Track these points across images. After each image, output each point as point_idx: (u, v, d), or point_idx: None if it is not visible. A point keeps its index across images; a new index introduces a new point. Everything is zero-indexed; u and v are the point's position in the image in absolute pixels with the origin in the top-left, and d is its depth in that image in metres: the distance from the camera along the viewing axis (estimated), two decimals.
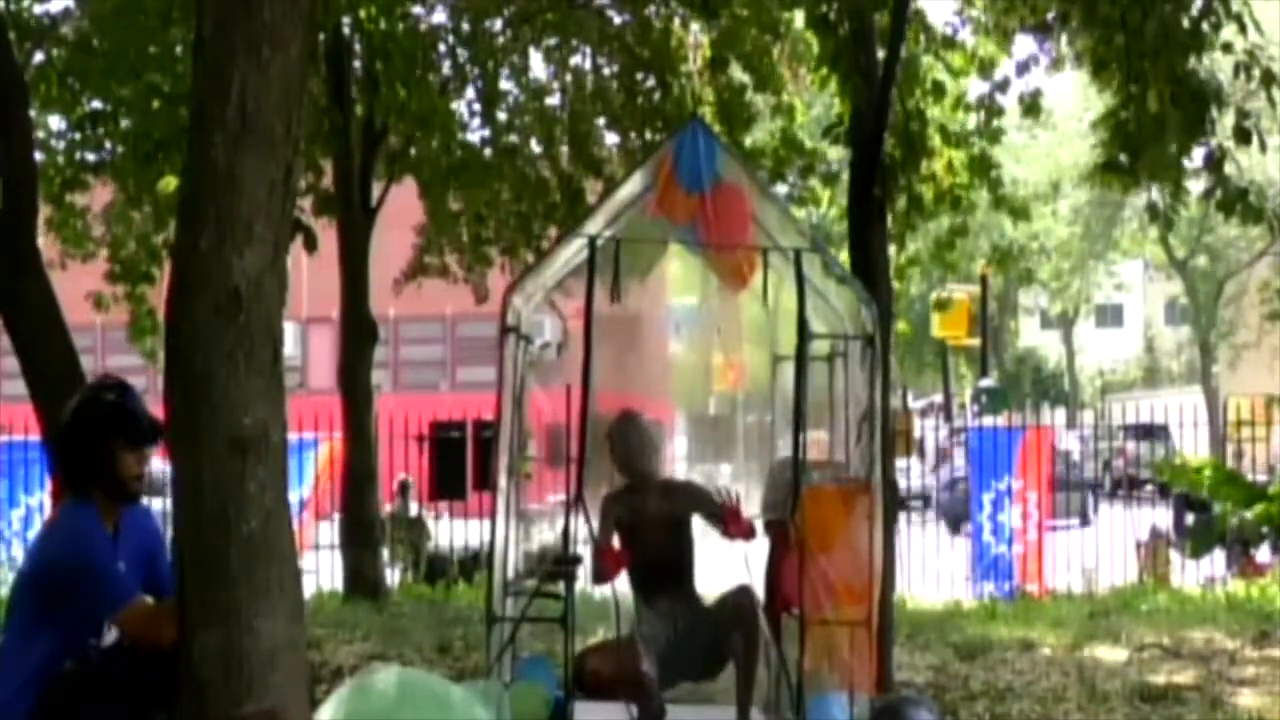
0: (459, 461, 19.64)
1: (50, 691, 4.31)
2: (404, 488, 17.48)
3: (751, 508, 6.75)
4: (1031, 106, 9.95)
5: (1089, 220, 45.55)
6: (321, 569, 14.42)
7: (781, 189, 12.45)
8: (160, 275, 12.73)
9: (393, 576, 15.59)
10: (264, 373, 3.91)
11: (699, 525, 6.71)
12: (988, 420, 21.69)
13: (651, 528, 6.45)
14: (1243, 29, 7.82)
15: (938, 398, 46.44)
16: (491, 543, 6.78)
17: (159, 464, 4.62)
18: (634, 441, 6.55)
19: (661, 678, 6.30)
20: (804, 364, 6.10)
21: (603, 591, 6.57)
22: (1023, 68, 9.86)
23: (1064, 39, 8.96)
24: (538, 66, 14.48)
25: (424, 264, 15.17)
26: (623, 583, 6.48)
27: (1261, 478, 16.90)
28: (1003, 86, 10.11)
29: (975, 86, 10.62)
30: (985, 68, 10.16)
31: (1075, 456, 27.61)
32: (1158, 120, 7.69)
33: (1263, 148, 8.00)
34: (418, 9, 13.18)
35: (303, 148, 4.63)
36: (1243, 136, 7.81)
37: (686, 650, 6.44)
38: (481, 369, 28.05)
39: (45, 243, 9.80)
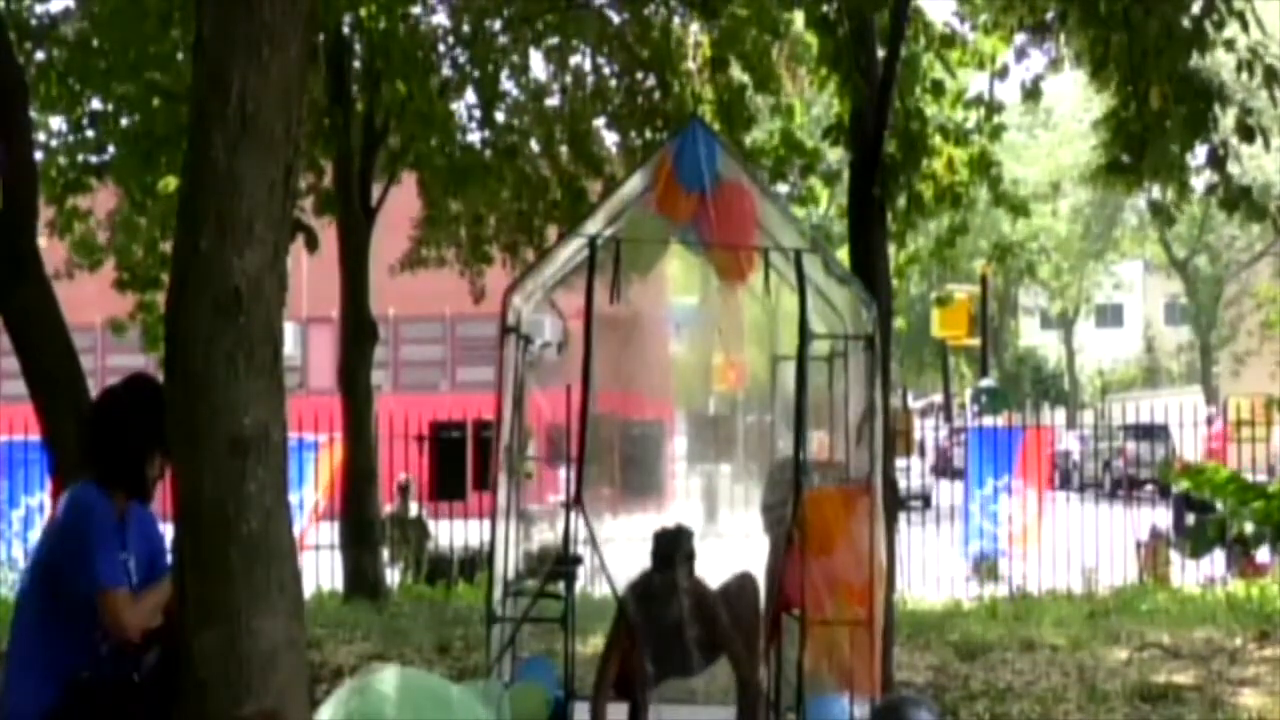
0: (459, 461, 19.64)
1: (65, 701, 4.32)
2: (404, 488, 17.47)
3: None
4: (1032, 93, 9.89)
5: (1089, 220, 45.64)
6: (321, 569, 14.42)
7: (782, 189, 12.45)
8: None
9: (393, 576, 15.59)
10: (264, 373, 3.90)
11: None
12: (987, 420, 21.75)
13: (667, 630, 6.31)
14: (1245, 27, 7.81)
15: (938, 398, 46.45)
16: (492, 543, 6.78)
17: None
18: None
19: (655, 674, 6.30)
20: (805, 364, 6.10)
21: (603, 591, 6.56)
22: (1021, 54, 9.84)
23: (1062, 38, 8.96)
24: (538, 66, 14.51)
25: (421, 256, 15.22)
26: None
27: (1261, 478, 16.89)
28: (1002, 73, 10.10)
29: (975, 84, 10.63)
30: (984, 64, 10.17)
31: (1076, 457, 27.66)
32: (1160, 119, 7.69)
33: (1266, 145, 7.98)
34: (417, 9, 13.18)
35: (303, 148, 4.62)
36: (1246, 133, 7.81)
37: (680, 645, 6.42)
38: (481, 369, 28.06)
39: (51, 252, 9.82)
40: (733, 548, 6.88)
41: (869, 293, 6.64)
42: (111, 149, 12.71)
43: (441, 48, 13.41)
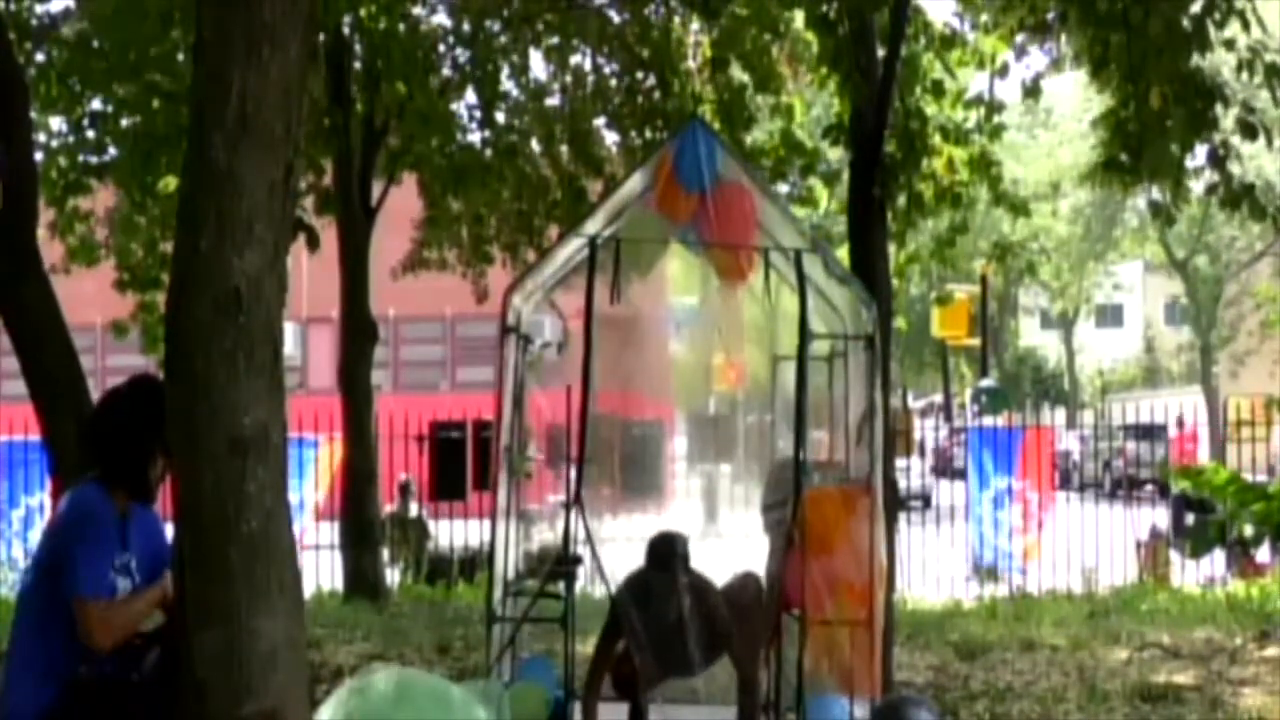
0: (459, 461, 19.65)
1: (65, 701, 4.32)
2: (404, 488, 17.48)
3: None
4: (1032, 91, 9.88)
5: (1089, 220, 45.61)
6: (321, 569, 14.42)
7: (782, 189, 12.45)
8: None
9: (393, 576, 15.59)
10: (264, 373, 3.91)
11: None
12: (988, 420, 21.76)
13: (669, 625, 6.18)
14: (1245, 26, 7.81)
15: (938, 398, 46.47)
16: (492, 543, 6.78)
17: None
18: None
19: (655, 674, 6.29)
20: (805, 364, 6.10)
21: (603, 591, 6.55)
22: (1021, 53, 9.84)
23: (1063, 39, 8.96)
24: (538, 66, 14.50)
25: (423, 258, 15.22)
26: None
27: (1261, 478, 16.90)
28: (1002, 72, 10.10)
29: (975, 84, 10.62)
30: (984, 64, 10.17)
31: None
32: (1159, 118, 7.68)
33: (1270, 143, 7.97)
34: (417, 9, 13.18)
35: (303, 148, 4.63)
36: (1248, 130, 7.80)
37: (681, 644, 6.40)
38: (481, 369, 28.06)
39: (48, 248, 9.80)
40: (733, 548, 6.87)
41: (869, 293, 6.64)
42: (112, 149, 12.72)
43: (441, 48, 13.40)
